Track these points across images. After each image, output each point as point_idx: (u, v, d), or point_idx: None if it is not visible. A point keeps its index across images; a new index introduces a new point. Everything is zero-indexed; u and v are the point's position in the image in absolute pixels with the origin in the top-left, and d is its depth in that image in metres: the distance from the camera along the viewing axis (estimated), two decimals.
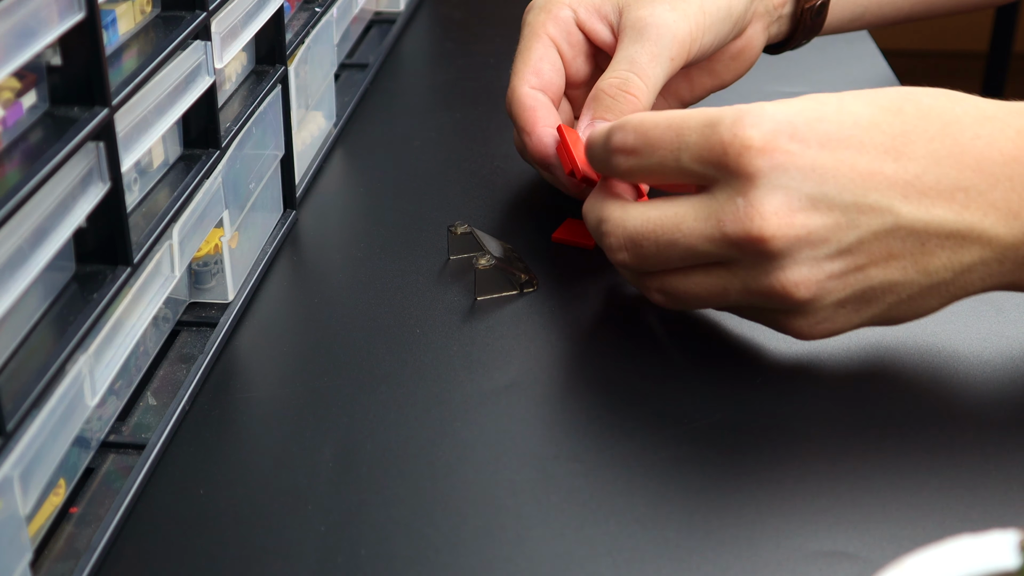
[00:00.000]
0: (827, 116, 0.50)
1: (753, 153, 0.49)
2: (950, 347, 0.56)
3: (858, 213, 0.49)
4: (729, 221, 0.50)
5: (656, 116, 0.53)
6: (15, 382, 0.41)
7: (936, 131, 0.50)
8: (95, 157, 0.45)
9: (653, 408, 0.53)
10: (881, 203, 0.49)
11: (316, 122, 0.74)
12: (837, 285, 0.50)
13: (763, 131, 0.49)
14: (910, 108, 0.51)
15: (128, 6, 0.51)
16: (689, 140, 0.51)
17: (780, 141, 0.49)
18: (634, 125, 0.53)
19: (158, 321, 0.55)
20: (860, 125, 0.50)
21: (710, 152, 0.50)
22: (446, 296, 0.61)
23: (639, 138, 0.53)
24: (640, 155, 0.53)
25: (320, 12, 0.71)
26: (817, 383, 0.55)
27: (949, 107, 0.51)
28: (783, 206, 0.49)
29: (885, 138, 0.50)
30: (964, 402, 0.53)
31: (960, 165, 0.50)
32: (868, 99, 0.51)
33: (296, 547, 0.46)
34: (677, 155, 0.51)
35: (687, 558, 0.45)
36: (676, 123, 0.52)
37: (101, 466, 0.49)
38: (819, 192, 0.49)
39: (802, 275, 0.50)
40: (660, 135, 0.52)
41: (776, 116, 0.50)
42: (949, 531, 0.46)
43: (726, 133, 0.50)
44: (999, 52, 2.19)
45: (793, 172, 0.49)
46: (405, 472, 0.50)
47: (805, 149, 0.49)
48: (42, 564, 0.44)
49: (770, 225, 0.49)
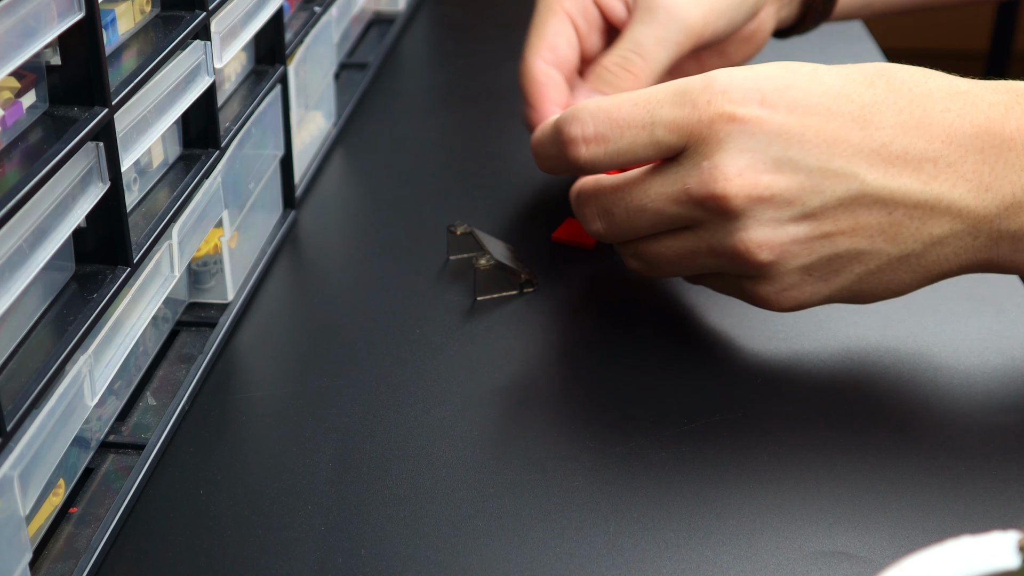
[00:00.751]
0: (797, 84, 0.51)
1: (724, 119, 0.50)
2: (950, 347, 0.56)
3: (823, 177, 0.50)
4: (694, 183, 0.51)
5: (615, 98, 0.53)
6: (15, 382, 0.41)
7: (906, 103, 0.50)
8: (95, 157, 0.45)
9: (653, 408, 0.53)
10: (846, 169, 0.50)
11: (316, 122, 0.74)
12: (801, 249, 0.51)
13: (733, 98, 0.50)
14: (882, 81, 0.51)
15: (128, 6, 0.51)
16: (661, 113, 0.51)
17: (749, 107, 0.50)
18: (591, 111, 0.53)
19: (158, 321, 0.55)
20: (829, 94, 0.50)
21: (684, 121, 0.51)
22: (446, 296, 0.61)
23: (603, 123, 0.53)
24: (606, 140, 0.53)
25: (320, 12, 0.71)
26: (817, 383, 0.55)
27: (922, 81, 0.51)
28: (747, 167, 0.50)
29: (854, 107, 0.50)
30: (964, 402, 0.53)
31: (929, 136, 0.50)
32: (841, 71, 0.52)
33: (296, 547, 0.46)
34: (651, 130, 0.52)
35: (687, 558, 0.45)
36: (643, 98, 0.52)
37: (101, 466, 0.49)
38: (784, 155, 0.50)
39: (764, 235, 0.50)
40: (628, 113, 0.52)
41: (745, 83, 0.50)
42: (949, 531, 0.46)
43: (699, 100, 0.51)
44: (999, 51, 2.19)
45: (760, 136, 0.50)
46: (405, 472, 0.50)
47: (773, 113, 0.50)
48: (42, 564, 0.44)
49: (733, 185, 0.50)
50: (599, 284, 0.62)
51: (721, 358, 0.56)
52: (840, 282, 0.52)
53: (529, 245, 0.65)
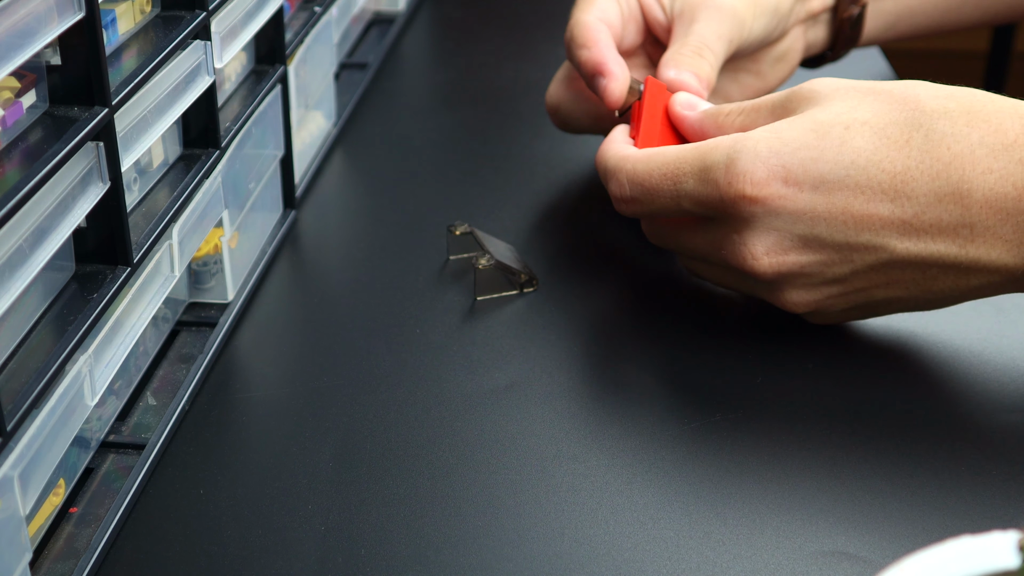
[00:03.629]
0: (825, 155, 0.50)
1: (746, 202, 0.51)
2: (950, 347, 0.56)
3: (850, 251, 0.51)
4: (728, 253, 0.53)
5: (648, 163, 0.54)
6: (15, 382, 0.41)
7: (943, 167, 0.49)
8: (95, 157, 0.45)
9: (653, 408, 0.53)
10: (874, 242, 0.50)
11: (316, 122, 0.74)
12: (838, 302, 0.53)
13: (755, 179, 0.50)
14: (919, 138, 0.49)
15: (128, 6, 0.51)
16: (686, 187, 0.53)
17: (773, 187, 0.50)
18: (628, 175, 0.55)
19: (158, 321, 0.55)
20: (858, 164, 0.49)
21: (707, 199, 0.52)
22: (446, 296, 0.61)
23: (635, 188, 0.54)
24: (639, 203, 0.55)
25: (320, 12, 0.71)
26: (817, 383, 0.55)
27: (964, 134, 0.49)
28: (774, 246, 0.51)
29: (884, 177, 0.49)
30: (964, 402, 0.53)
31: (966, 203, 0.49)
32: (876, 128, 0.50)
33: (296, 547, 0.46)
34: (677, 202, 0.53)
35: (687, 558, 0.45)
36: (671, 171, 0.53)
37: (101, 466, 0.49)
38: (810, 233, 0.51)
39: (800, 297, 0.53)
40: (656, 184, 0.54)
41: (769, 161, 0.50)
42: (949, 531, 0.46)
43: (721, 181, 0.51)
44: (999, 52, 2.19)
45: (785, 216, 0.50)
46: (405, 472, 0.50)
47: (798, 193, 0.50)
48: (42, 564, 0.44)
49: (761, 264, 0.52)
50: (599, 284, 0.62)
51: (721, 358, 0.56)
52: (881, 311, 0.55)
53: (529, 245, 0.65)
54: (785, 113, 0.54)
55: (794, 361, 0.56)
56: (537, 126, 0.78)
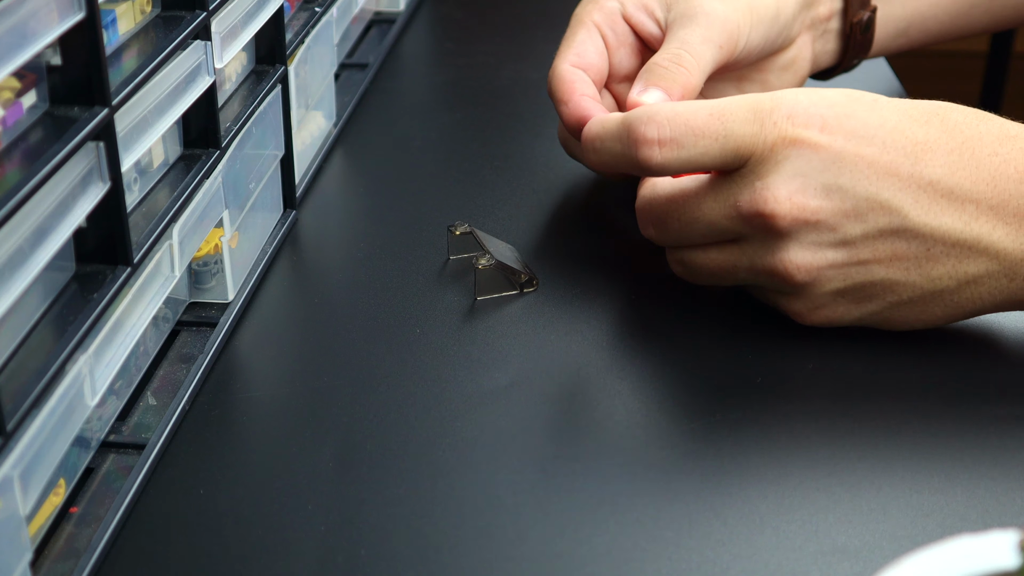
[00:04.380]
0: (857, 113, 0.52)
1: (786, 142, 0.52)
2: (950, 347, 0.56)
3: (868, 207, 0.52)
4: (745, 200, 0.53)
5: (690, 104, 0.54)
6: (15, 382, 0.41)
7: (957, 144, 0.52)
8: (95, 157, 0.45)
9: (653, 408, 0.53)
10: (892, 202, 0.51)
11: (316, 122, 0.74)
12: (836, 274, 0.53)
13: (796, 121, 0.52)
14: (936, 120, 0.53)
15: (128, 6, 0.51)
16: (734, 127, 0.53)
17: (810, 131, 0.52)
18: (668, 115, 0.54)
19: (158, 321, 0.55)
20: (885, 127, 0.52)
21: (753, 138, 0.53)
22: (446, 296, 0.61)
23: (679, 128, 0.53)
24: (680, 145, 0.54)
25: (320, 12, 0.71)
26: (817, 383, 0.55)
27: (974, 123, 0.53)
28: (798, 190, 0.52)
29: (907, 143, 0.52)
30: (964, 401, 0.53)
31: (975, 178, 0.51)
32: (899, 106, 0.53)
33: (296, 547, 0.46)
34: (723, 142, 0.53)
35: (687, 558, 0.45)
36: (719, 110, 0.53)
37: (101, 466, 0.49)
38: (835, 182, 0.52)
39: (803, 258, 0.53)
40: (704, 122, 0.53)
41: (809, 108, 0.52)
42: (949, 531, 0.46)
43: (767, 120, 0.52)
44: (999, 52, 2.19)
45: (815, 161, 0.52)
46: (405, 472, 0.50)
47: (831, 140, 0.52)
48: (42, 564, 0.44)
49: (782, 207, 0.52)
50: (599, 284, 0.62)
51: (721, 358, 0.56)
52: (871, 307, 0.54)
53: (529, 245, 0.65)
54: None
55: (794, 361, 0.56)
56: (537, 126, 0.78)
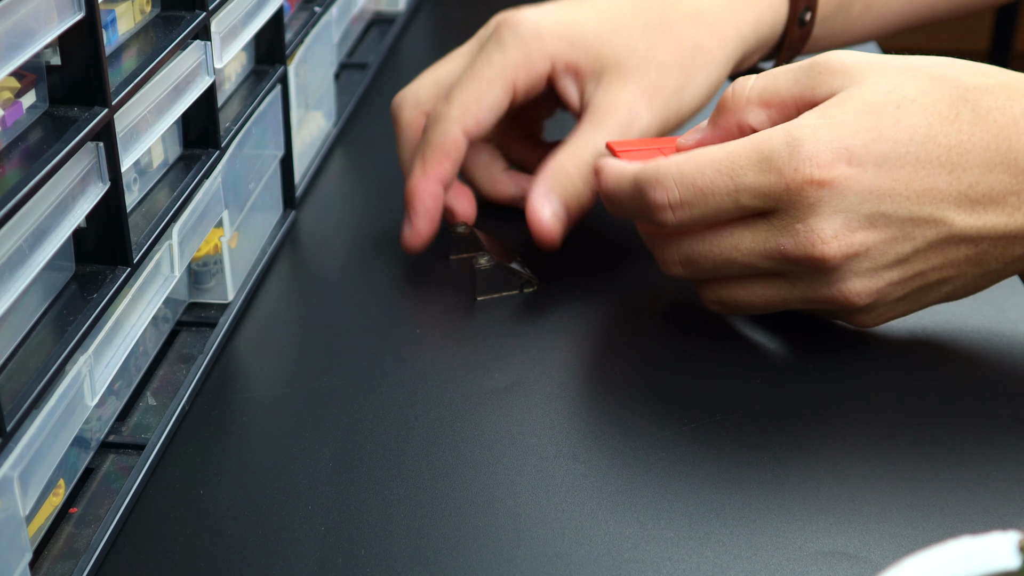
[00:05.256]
0: (883, 134, 0.50)
1: (815, 186, 0.50)
2: (950, 347, 0.56)
3: (914, 226, 0.51)
4: (789, 245, 0.51)
5: (697, 162, 0.52)
6: (15, 382, 0.41)
7: (991, 137, 0.50)
8: (95, 157, 0.45)
9: (653, 408, 0.53)
10: (935, 215, 0.51)
11: (316, 122, 0.74)
12: (896, 289, 0.52)
13: (821, 163, 0.50)
14: (967, 113, 0.51)
15: (128, 6, 0.51)
16: (746, 180, 0.51)
17: (839, 169, 0.50)
18: (675, 178, 0.52)
19: (158, 321, 0.55)
20: (916, 141, 0.50)
21: (771, 189, 0.50)
22: (446, 296, 0.61)
23: (686, 190, 0.52)
24: (692, 206, 0.52)
25: (320, 12, 0.71)
26: (817, 383, 0.55)
27: (1007, 107, 0.51)
28: (842, 228, 0.50)
29: (941, 151, 0.50)
30: (964, 402, 0.53)
31: (1014, 170, 0.50)
32: (926, 106, 0.51)
33: (296, 547, 0.46)
34: (736, 197, 0.51)
35: (687, 558, 0.45)
36: (726, 164, 0.51)
37: (101, 466, 0.49)
38: (876, 211, 0.50)
39: (862, 285, 0.52)
40: (712, 181, 0.51)
41: (832, 144, 0.50)
42: (949, 531, 0.46)
43: (786, 169, 0.50)
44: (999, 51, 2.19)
45: (851, 197, 0.50)
46: (405, 472, 0.50)
47: (863, 173, 0.50)
48: (42, 564, 0.44)
49: (830, 248, 0.50)
50: (599, 284, 0.62)
51: (721, 358, 0.56)
52: (928, 301, 0.54)
53: (529, 245, 0.65)
54: (812, 83, 0.52)
55: (794, 361, 0.56)
56: None
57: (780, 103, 0.53)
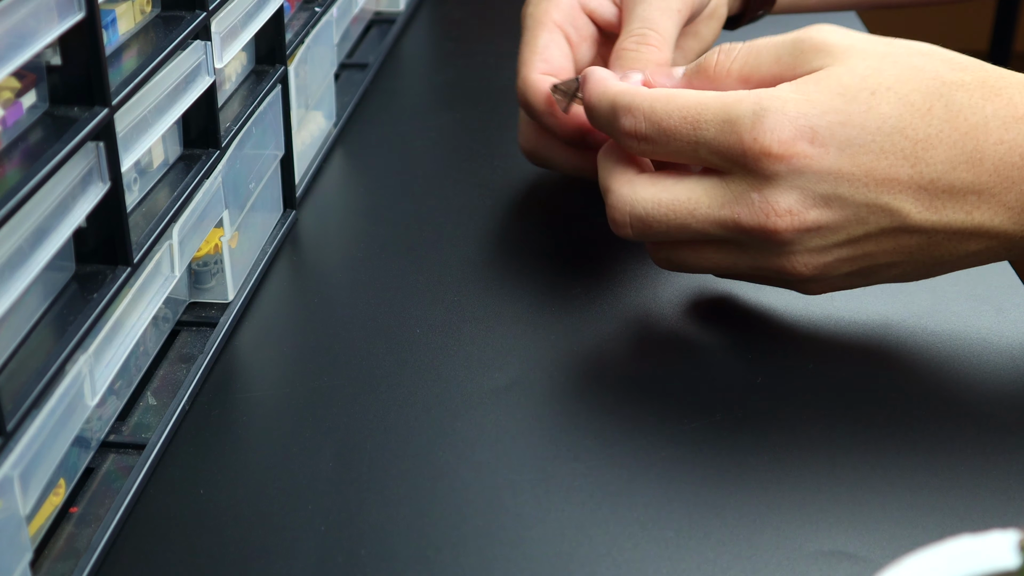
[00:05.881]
0: (852, 119, 0.50)
1: (772, 159, 0.50)
2: (950, 347, 0.56)
3: (868, 212, 0.51)
4: (744, 214, 0.51)
5: (668, 103, 0.52)
6: (15, 382, 0.41)
7: (960, 135, 0.50)
8: (95, 157, 0.45)
9: (653, 408, 0.53)
10: (892, 205, 0.51)
11: (316, 122, 0.74)
12: (844, 265, 0.53)
13: (782, 137, 0.50)
14: (940, 107, 0.50)
15: (128, 6, 0.51)
16: (706, 135, 0.51)
17: (799, 146, 0.50)
18: (645, 112, 0.53)
19: (158, 321, 0.55)
20: (883, 130, 0.50)
21: (728, 150, 0.51)
22: (446, 296, 0.61)
23: (652, 127, 0.53)
24: (654, 143, 0.53)
25: (320, 12, 0.71)
26: (817, 383, 0.55)
27: (980, 105, 0.51)
28: (797, 203, 0.50)
29: (907, 143, 0.50)
30: (964, 402, 0.53)
31: (978, 170, 0.50)
32: (900, 95, 0.51)
33: (296, 547, 0.46)
34: (694, 147, 0.52)
35: (687, 558, 0.45)
36: (692, 115, 0.52)
37: (101, 466, 0.49)
38: (833, 192, 0.50)
39: (812, 259, 0.52)
40: (675, 126, 0.52)
41: (798, 121, 0.50)
42: (949, 531, 0.46)
43: (746, 136, 0.50)
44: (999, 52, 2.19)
45: (809, 175, 0.50)
46: (405, 472, 0.50)
47: (824, 153, 0.50)
48: (42, 564, 0.44)
49: (783, 221, 0.51)
50: (600, 284, 0.62)
51: (721, 358, 0.56)
52: (877, 279, 0.54)
53: (529, 245, 0.65)
54: (794, 62, 0.53)
55: (794, 361, 0.56)
56: None
57: (760, 80, 0.54)
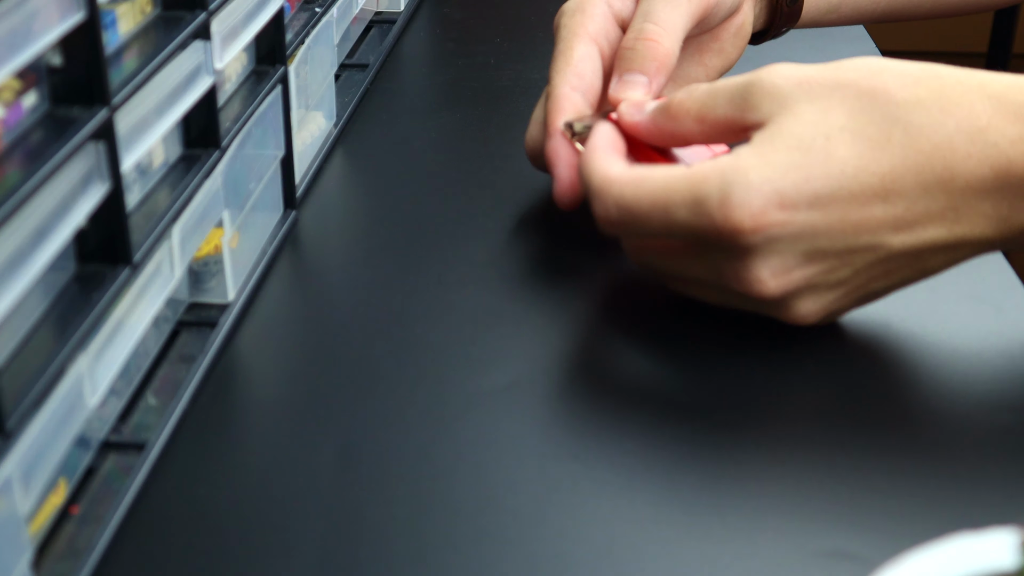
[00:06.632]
0: (813, 172, 0.50)
1: (747, 234, 0.50)
2: (950, 347, 0.56)
3: (851, 255, 0.51)
4: (731, 278, 0.52)
5: (637, 189, 0.52)
6: (15, 382, 0.41)
7: (925, 159, 0.50)
8: (95, 157, 0.46)
9: (653, 408, 0.53)
10: (872, 242, 0.51)
11: (316, 122, 0.74)
12: (841, 304, 0.54)
13: (752, 211, 0.50)
14: (898, 134, 0.50)
15: (128, 6, 0.51)
16: (678, 218, 0.51)
17: (770, 215, 0.50)
18: (615, 199, 0.53)
19: (158, 321, 0.55)
20: (847, 174, 0.50)
21: (703, 232, 0.51)
22: (446, 296, 0.61)
23: (623, 213, 0.53)
24: (628, 227, 0.53)
25: (320, 12, 0.71)
26: (817, 383, 0.55)
27: (940, 122, 0.50)
28: (779, 267, 0.51)
29: (874, 180, 0.50)
30: (964, 402, 0.53)
31: (950, 190, 0.50)
32: (855, 133, 0.50)
33: (296, 547, 0.46)
34: (668, 229, 0.52)
35: (687, 558, 0.45)
36: (661, 200, 0.52)
37: (101, 466, 0.49)
38: (812, 247, 0.51)
39: (809, 308, 0.53)
40: (646, 212, 0.52)
41: (763, 188, 0.50)
42: (949, 530, 0.46)
43: (717, 215, 0.50)
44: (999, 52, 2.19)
45: (786, 238, 0.50)
46: (405, 472, 0.50)
47: (795, 215, 0.50)
48: (42, 564, 0.44)
49: (769, 287, 0.51)
50: (600, 284, 0.62)
51: (721, 359, 0.56)
52: (874, 299, 0.55)
53: (529, 245, 0.65)
54: (745, 105, 0.53)
55: (794, 361, 0.56)
56: None
57: (713, 122, 0.54)
